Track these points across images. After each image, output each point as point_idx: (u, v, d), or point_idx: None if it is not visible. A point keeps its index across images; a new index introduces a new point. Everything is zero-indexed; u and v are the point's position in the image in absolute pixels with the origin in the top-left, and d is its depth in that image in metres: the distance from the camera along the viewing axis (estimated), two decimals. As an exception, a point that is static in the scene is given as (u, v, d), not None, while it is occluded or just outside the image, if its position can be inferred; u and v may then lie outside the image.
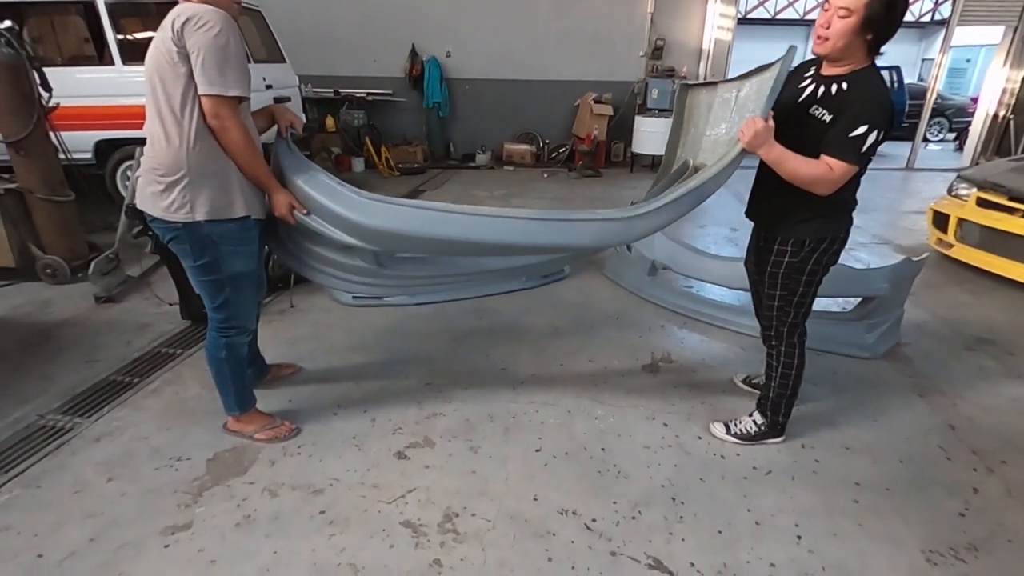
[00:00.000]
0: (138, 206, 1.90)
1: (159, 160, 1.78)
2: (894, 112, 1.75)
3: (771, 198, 2.00)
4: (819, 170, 1.75)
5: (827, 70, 1.81)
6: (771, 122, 1.75)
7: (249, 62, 1.89)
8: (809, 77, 1.86)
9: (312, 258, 2.24)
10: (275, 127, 2.11)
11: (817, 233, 1.92)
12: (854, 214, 1.99)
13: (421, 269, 2.44)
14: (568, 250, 2.12)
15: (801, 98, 1.84)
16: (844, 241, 1.99)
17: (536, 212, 2.13)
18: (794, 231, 1.94)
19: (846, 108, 1.72)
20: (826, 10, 1.72)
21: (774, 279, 2.04)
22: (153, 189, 1.82)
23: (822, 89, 1.79)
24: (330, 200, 1.98)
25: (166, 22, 1.71)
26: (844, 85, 1.74)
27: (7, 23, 3.34)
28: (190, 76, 1.71)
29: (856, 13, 1.65)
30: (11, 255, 3.59)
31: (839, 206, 1.91)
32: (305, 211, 1.97)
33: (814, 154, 1.77)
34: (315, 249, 2.19)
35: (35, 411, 2.41)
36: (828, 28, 1.70)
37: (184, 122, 1.74)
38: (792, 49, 1.75)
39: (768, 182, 1.96)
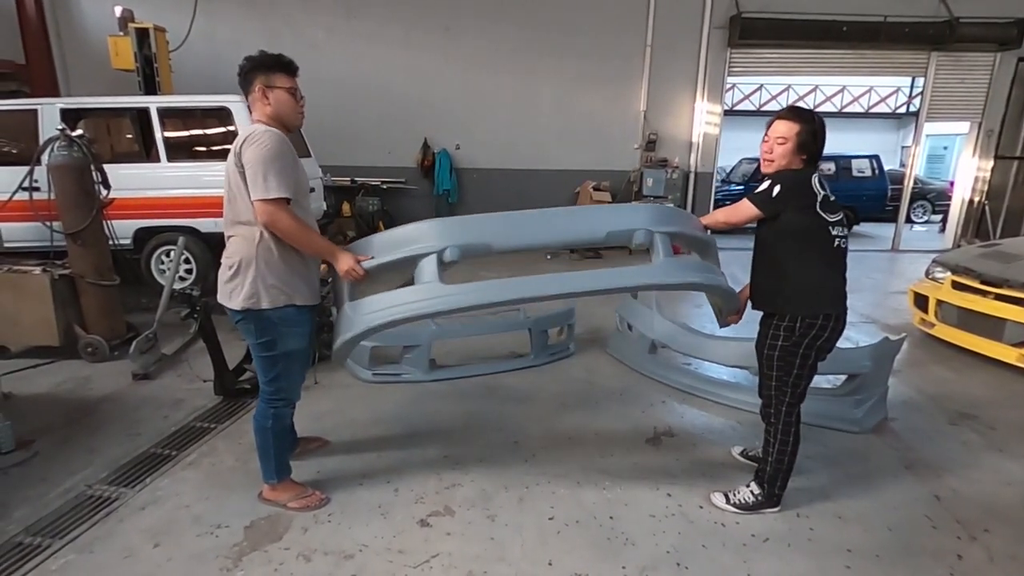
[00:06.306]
0: (218, 299, 2.21)
1: (236, 258, 2.12)
2: (804, 182, 2.16)
3: (757, 278, 2.38)
4: (730, 208, 2.34)
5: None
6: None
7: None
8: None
9: (363, 309, 2.28)
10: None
11: (796, 310, 2.19)
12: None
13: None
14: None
15: None
16: (835, 329, 2.24)
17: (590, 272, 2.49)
18: (778, 306, 2.25)
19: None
20: (766, 140, 2.22)
21: (770, 360, 2.30)
22: (230, 283, 2.14)
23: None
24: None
25: (234, 145, 2.06)
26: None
27: (80, 131, 3.81)
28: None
29: (790, 140, 2.16)
30: (56, 335, 3.86)
31: (809, 283, 2.20)
32: (370, 256, 2.20)
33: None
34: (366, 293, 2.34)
35: (83, 482, 2.60)
36: (772, 153, 2.19)
37: (255, 227, 2.09)
38: None
39: (755, 266, 2.38)
